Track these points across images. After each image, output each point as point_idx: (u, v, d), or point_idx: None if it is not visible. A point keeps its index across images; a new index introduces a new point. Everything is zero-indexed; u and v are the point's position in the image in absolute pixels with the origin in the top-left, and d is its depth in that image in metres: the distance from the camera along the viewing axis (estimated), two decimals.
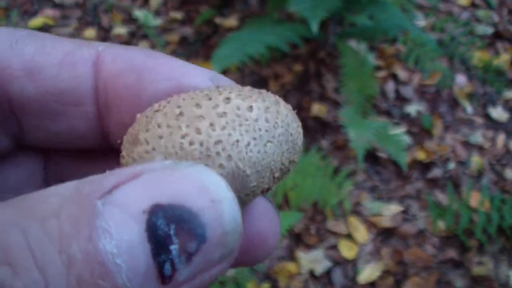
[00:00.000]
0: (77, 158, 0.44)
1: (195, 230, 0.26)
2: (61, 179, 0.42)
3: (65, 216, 0.25)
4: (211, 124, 0.32)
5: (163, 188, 0.27)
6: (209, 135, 0.31)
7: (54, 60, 0.37)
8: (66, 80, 0.37)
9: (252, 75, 2.83)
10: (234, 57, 2.39)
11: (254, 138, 0.32)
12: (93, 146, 0.42)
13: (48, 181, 0.44)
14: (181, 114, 0.32)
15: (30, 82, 0.37)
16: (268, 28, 2.57)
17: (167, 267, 0.25)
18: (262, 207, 0.39)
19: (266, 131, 0.33)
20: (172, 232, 0.26)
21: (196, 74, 0.38)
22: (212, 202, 0.27)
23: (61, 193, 0.26)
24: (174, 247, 0.26)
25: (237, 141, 0.32)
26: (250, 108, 0.33)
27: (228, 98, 0.33)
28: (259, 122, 0.33)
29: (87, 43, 0.39)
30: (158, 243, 0.25)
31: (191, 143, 0.31)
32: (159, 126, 0.32)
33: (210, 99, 0.33)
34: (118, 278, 0.24)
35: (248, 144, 0.32)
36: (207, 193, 0.27)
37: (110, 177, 0.27)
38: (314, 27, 2.25)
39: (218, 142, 0.31)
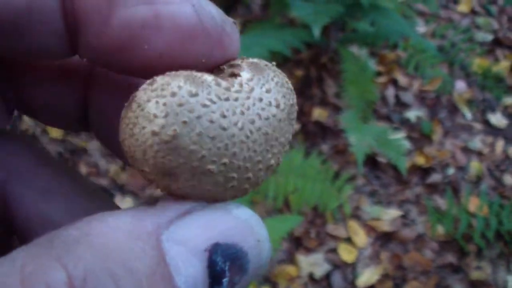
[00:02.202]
0: (40, 70, 0.43)
1: (244, 266, 0.31)
2: (25, 96, 0.43)
3: (144, 257, 0.28)
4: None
5: (218, 228, 0.31)
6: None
7: None
8: None
9: None
10: None
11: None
12: (61, 59, 0.40)
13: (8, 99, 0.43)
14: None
15: None
16: (271, 32, 2.59)
17: None
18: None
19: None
20: (227, 268, 0.30)
21: (176, 0, 0.34)
22: (257, 242, 0.32)
23: (122, 228, 0.29)
24: (225, 280, 0.30)
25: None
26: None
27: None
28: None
29: None
30: (215, 277, 0.30)
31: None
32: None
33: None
34: None
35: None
36: (254, 234, 0.32)
37: (165, 212, 0.31)
38: (317, 32, 2.27)
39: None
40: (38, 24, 0.35)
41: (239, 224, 0.32)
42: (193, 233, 0.30)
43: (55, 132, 2.45)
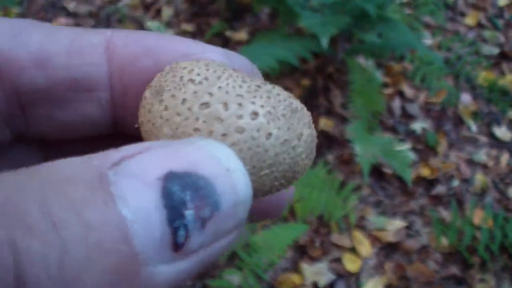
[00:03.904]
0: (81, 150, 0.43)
1: (210, 196, 0.26)
2: None
3: (80, 183, 0.25)
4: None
5: (176, 158, 0.27)
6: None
7: (62, 48, 0.35)
8: (77, 68, 0.36)
9: None
10: None
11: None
12: (102, 133, 0.41)
13: None
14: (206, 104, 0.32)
15: (39, 73, 0.35)
16: (278, 42, 2.61)
17: (181, 232, 0.25)
18: None
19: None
20: (188, 198, 0.26)
21: (211, 51, 0.37)
22: (227, 171, 0.27)
23: (71, 166, 0.26)
24: (189, 213, 0.25)
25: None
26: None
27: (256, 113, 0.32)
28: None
29: (93, 30, 0.38)
30: (173, 208, 0.25)
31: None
32: (184, 101, 0.32)
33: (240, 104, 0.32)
34: (136, 244, 0.24)
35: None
36: (221, 163, 0.28)
37: (119, 150, 0.27)
38: (325, 42, 2.30)
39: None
40: (82, 93, 0.37)
41: (200, 153, 0.28)
42: (146, 165, 0.26)
43: None
